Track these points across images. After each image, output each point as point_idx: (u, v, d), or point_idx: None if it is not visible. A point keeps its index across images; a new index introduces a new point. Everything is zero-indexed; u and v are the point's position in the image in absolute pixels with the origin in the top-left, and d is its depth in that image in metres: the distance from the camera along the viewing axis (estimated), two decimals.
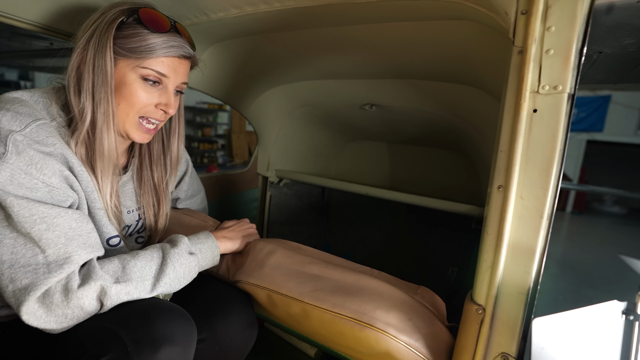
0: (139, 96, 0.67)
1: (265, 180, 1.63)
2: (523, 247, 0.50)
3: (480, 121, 1.11)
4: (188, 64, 0.73)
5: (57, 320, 0.55)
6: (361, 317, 0.63)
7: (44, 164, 0.58)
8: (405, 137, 1.61)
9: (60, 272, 0.55)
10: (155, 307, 0.61)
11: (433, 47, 0.86)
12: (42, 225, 0.55)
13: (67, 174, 0.62)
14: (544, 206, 0.48)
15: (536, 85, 0.47)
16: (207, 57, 1.14)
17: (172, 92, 0.71)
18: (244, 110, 1.44)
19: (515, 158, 0.49)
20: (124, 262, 0.63)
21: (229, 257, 0.85)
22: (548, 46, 0.46)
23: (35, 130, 0.58)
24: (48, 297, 0.54)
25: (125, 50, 0.65)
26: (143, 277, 0.63)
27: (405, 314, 0.62)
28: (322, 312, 0.67)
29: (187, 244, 0.72)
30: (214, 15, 0.86)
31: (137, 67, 0.66)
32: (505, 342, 0.51)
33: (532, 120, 0.48)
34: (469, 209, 1.12)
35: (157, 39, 0.66)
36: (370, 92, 1.23)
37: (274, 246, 0.81)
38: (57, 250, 0.56)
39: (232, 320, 0.75)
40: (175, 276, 0.67)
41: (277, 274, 0.75)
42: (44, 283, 0.54)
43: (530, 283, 0.49)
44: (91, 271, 0.58)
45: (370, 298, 0.65)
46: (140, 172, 0.82)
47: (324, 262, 0.75)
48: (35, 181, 0.56)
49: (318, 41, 0.96)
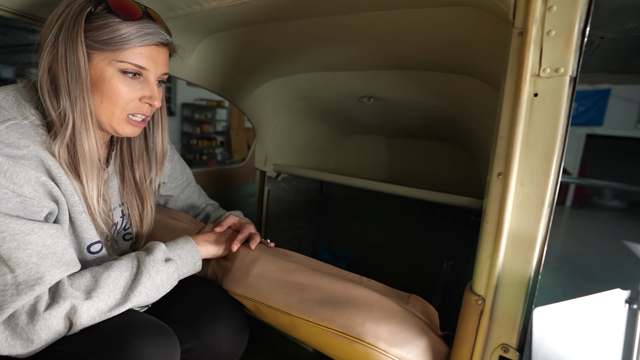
0: (120, 92, 0.63)
1: (263, 175, 1.62)
2: (523, 235, 0.48)
3: (479, 112, 1.10)
4: (166, 52, 0.69)
5: (22, 345, 0.52)
6: (349, 331, 0.60)
7: (15, 171, 0.52)
8: (403, 130, 1.59)
9: (31, 293, 0.51)
10: (131, 326, 0.57)
11: (431, 36, 0.85)
12: (13, 244, 0.51)
13: (43, 179, 0.56)
14: (545, 193, 0.47)
15: (537, 68, 0.46)
16: (201, 49, 1.12)
17: (155, 84, 0.67)
18: (240, 104, 1.42)
19: (515, 144, 0.48)
20: (96, 274, 0.59)
21: (214, 260, 0.82)
22: (549, 27, 0.44)
23: (4, 132, 0.53)
24: (14, 319, 0.51)
25: (98, 43, 0.60)
26: (116, 289, 0.59)
27: (396, 326, 0.59)
28: (310, 325, 0.64)
29: (163, 250, 0.68)
30: (207, 5, 0.84)
31: (114, 61, 0.61)
32: (506, 332, 0.50)
33: (533, 105, 0.47)
34: (468, 202, 1.11)
35: (130, 27, 0.61)
36: (367, 84, 1.22)
37: (258, 252, 0.77)
38: (28, 270, 0.52)
39: (219, 326, 0.71)
40: (153, 285, 0.63)
41: (262, 284, 0.72)
42: (11, 306, 0.50)
43: (531, 272, 0.48)
44: (60, 289, 0.54)
45: (359, 310, 0.62)
46: (122, 169, 0.78)
47: (310, 270, 0.72)
48: (5, 191, 0.51)
49: (314, 31, 0.94)
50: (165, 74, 0.70)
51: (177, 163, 0.95)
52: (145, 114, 0.69)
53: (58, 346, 0.55)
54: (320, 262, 0.77)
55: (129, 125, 0.67)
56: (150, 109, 0.69)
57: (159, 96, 0.69)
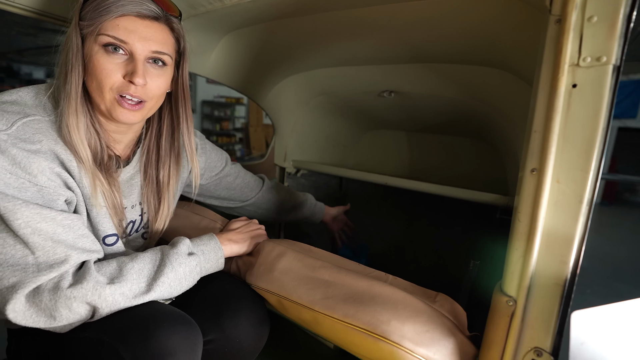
0: (102, 67, 0.61)
1: (283, 171, 1.62)
2: (559, 235, 0.46)
3: (506, 105, 1.05)
4: (158, 27, 0.64)
5: (46, 321, 0.54)
6: (374, 328, 0.59)
7: (28, 162, 0.55)
8: (424, 125, 1.56)
9: (50, 271, 0.54)
10: (155, 317, 0.58)
11: (454, 27, 0.82)
12: (27, 230, 0.54)
13: (58, 170, 0.59)
14: (583, 190, 0.44)
15: (576, 57, 0.43)
16: (222, 46, 1.13)
17: (141, 60, 0.62)
18: (260, 100, 1.43)
19: (551, 138, 0.45)
20: (121, 263, 0.61)
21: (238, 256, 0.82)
22: (591, 12, 0.41)
23: (21, 128, 0.56)
24: (38, 295, 0.54)
25: (86, 21, 0.60)
26: (140, 278, 0.61)
27: (423, 325, 0.58)
28: (334, 322, 0.64)
29: (187, 244, 0.69)
30: (229, 2, 0.84)
31: (96, 36, 0.60)
32: (539, 336, 0.48)
33: (571, 97, 0.44)
34: (493, 198, 1.07)
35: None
36: (388, 78, 1.19)
37: (284, 248, 0.77)
38: (46, 252, 0.55)
39: (241, 318, 0.72)
40: (175, 277, 0.64)
41: (286, 279, 0.72)
42: (33, 281, 0.53)
43: (567, 274, 0.46)
44: (85, 272, 0.57)
45: (383, 307, 0.61)
46: (147, 168, 0.78)
47: (335, 267, 0.71)
48: (22, 181, 0.55)
49: (334, 26, 0.93)
50: (160, 52, 0.65)
51: (210, 152, 0.97)
52: (132, 95, 0.64)
53: (86, 332, 0.57)
54: (344, 259, 0.77)
55: (120, 108, 0.64)
56: (137, 88, 0.64)
57: (142, 74, 0.63)
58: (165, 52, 0.66)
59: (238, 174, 1.06)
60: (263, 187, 1.14)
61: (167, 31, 0.66)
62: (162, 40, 0.65)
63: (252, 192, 1.11)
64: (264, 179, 1.17)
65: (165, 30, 0.66)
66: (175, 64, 0.72)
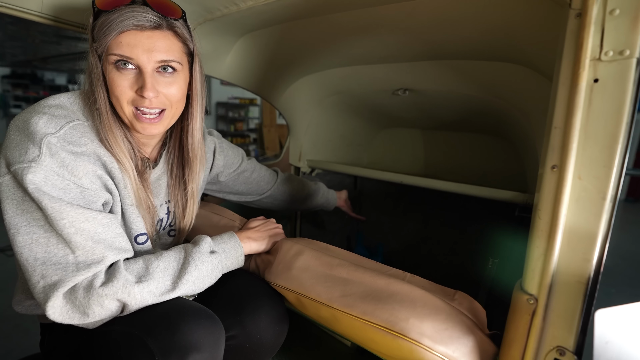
0: (116, 84, 0.63)
1: (298, 171, 1.63)
2: (582, 232, 0.45)
3: (524, 101, 1.03)
4: (160, 36, 0.63)
5: (80, 317, 0.58)
6: (393, 326, 0.59)
7: (75, 165, 0.59)
8: (440, 122, 1.54)
9: (87, 270, 0.57)
10: (181, 311, 0.61)
11: (472, 23, 0.81)
12: (71, 229, 0.57)
13: (100, 173, 0.63)
14: (606, 187, 0.43)
15: (597, 51, 0.42)
16: (237, 48, 1.14)
17: (149, 73, 0.63)
18: (275, 101, 1.44)
19: (572, 134, 0.44)
20: (148, 262, 0.64)
21: (256, 254, 0.84)
22: (613, 5, 0.40)
23: (68, 132, 0.60)
24: (74, 293, 0.57)
25: (97, 42, 0.62)
26: (165, 276, 0.64)
27: (442, 323, 0.58)
28: (352, 319, 0.64)
29: (209, 243, 0.72)
30: (244, 5, 0.86)
31: (107, 56, 0.62)
32: (562, 334, 0.47)
33: (593, 92, 0.43)
34: (511, 196, 1.06)
35: (112, 17, 0.61)
36: (403, 76, 1.18)
37: (302, 247, 0.79)
38: (85, 252, 0.58)
39: (261, 315, 0.74)
40: (199, 274, 0.67)
41: (305, 277, 0.73)
42: (71, 280, 0.56)
43: (590, 272, 0.45)
44: (116, 271, 0.60)
45: (402, 305, 0.61)
46: (172, 169, 0.81)
47: (353, 265, 0.72)
48: (67, 182, 0.58)
49: (348, 25, 0.93)
50: (164, 60, 0.64)
51: (227, 150, 1.00)
52: (149, 107, 0.65)
53: (116, 326, 0.60)
54: (362, 257, 0.77)
55: (140, 122, 0.66)
56: (151, 101, 0.65)
57: (151, 86, 0.63)
58: (173, 59, 0.65)
59: (254, 169, 1.10)
60: (277, 179, 1.18)
61: (170, 36, 0.65)
62: (166, 48, 0.64)
63: (267, 185, 1.15)
64: (277, 171, 1.22)
65: (168, 36, 0.65)
66: (189, 66, 0.72)
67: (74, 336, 0.66)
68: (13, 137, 0.58)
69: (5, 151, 0.58)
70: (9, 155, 0.57)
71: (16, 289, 0.71)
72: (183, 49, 0.68)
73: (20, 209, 0.57)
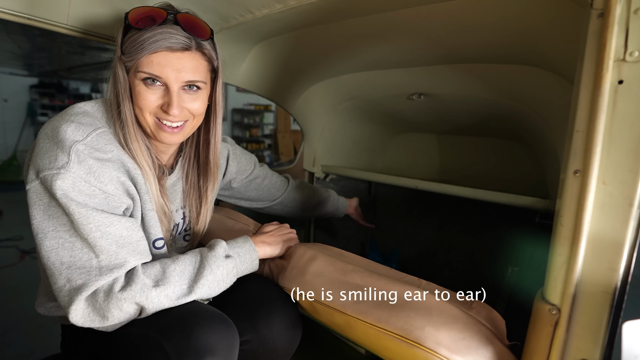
0: (142, 98, 0.67)
1: (312, 176, 1.63)
2: (607, 240, 0.43)
3: (544, 104, 1.01)
4: (189, 57, 0.66)
5: (100, 320, 0.59)
6: (408, 334, 0.58)
7: (102, 171, 0.61)
8: (456, 127, 1.52)
9: (110, 275, 0.59)
10: (196, 315, 0.62)
11: (489, 25, 0.79)
12: (97, 233, 0.59)
13: (123, 179, 0.65)
14: (633, 192, 0.42)
15: (622, 52, 0.41)
16: (253, 56, 1.16)
17: (176, 91, 0.67)
18: (289, 107, 1.45)
19: (595, 138, 0.43)
20: (165, 266, 0.65)
21: (270, 259, 0.84)
22: (638, 4, 0.39)
23: (95, 139, 0.63)
24: (95, 296, 0.58)
25: (126, 55, 0.65)
26: (182, 280, 0.65)
27: (459, 332, 0.56)
28: (366, 326, 0.63)
29: (224, 247, 0.73)
30: (259, 13, 0.87)
31: (136, 72, 0.66)
32: (586, 347, 0.45)
33: (617, 94, 0.41)
34: (532, 202, 1.02)
35: (144, 35, 0.63)
36: (418, 80, 1.18)
37: (315, 252, 0.78)
38: (109, 256, 0.59)
39: (274, 320, 0.74)
40: (214, 278, 0.67)
41: (318, 282, 0.72)
42: (94, 284, 0.58)
43: (617, 281, 0.43)
44: (134, 275, 0.61)
45: (417, 313, 0.59)
46: (188, 175, 0.83)
47: (367, 271, 0.71)
48: (93, 188, 0.60)
49: (362, 30, 0.93)
50: (191, 80, 0.68)
51: (240, 157, 1.03)
52: (171, 120, 0.69)
53: (134, 328, 0.62)
54: (376, 263, 0.76)
55: (162, 131, 0.70)
56: (171, 117, 0.68)
57: (177, 104, 0.67)
58: (199, 80, 0.69)
59: (266, 175, 1.11)
60: (289, 186, 1.19)
61: (198, 57, 0.68)
62: (194, 69, 0.67)
63: (279, 192, 1.16)
64: (288, 178, 1.23)
65: (196, 57, 0.68)
66: (212, 82, 0.76)
67: (93, 337, 0.67)
68: (43, 144, 0.61)
69: (35, 158, 0.60)
70: (38, 162, 0.59)
71: (38, 292, 0.74)
72: (208, 67, 0.72)
73: (47, 215, 0.59)
